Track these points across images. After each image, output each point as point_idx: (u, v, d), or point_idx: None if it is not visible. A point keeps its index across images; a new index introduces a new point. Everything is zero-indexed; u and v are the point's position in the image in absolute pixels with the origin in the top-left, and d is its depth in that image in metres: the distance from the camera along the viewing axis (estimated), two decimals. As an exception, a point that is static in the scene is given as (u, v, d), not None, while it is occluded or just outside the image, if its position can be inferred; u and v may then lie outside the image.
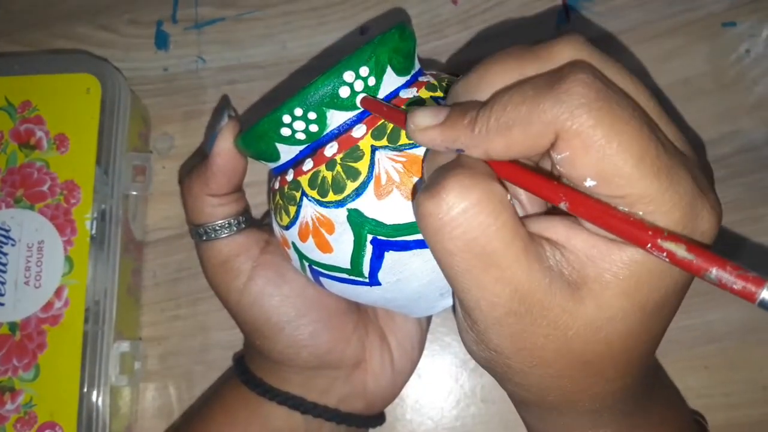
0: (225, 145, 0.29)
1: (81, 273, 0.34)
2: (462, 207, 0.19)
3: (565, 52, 0.20)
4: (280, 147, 0.26)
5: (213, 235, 0.30)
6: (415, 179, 0.24)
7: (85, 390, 0.33)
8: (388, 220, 0.24)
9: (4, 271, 0.34)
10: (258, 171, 0.40)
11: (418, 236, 0.24)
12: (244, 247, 0.30)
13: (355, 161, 0.24)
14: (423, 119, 0.21)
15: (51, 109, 0.37)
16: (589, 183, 0.18)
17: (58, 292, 0.34)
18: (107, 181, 0.36)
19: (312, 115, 0.24)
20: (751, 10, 0.40)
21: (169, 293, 0.39)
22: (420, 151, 0.24)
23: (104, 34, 0.42)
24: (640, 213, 0.18)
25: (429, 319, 0.37)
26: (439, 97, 0.25)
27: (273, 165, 0.27)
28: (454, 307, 0.28)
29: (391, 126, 0.24)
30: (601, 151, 0.18)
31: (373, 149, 0.24)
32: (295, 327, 0.29)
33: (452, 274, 0.20)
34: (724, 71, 0.40)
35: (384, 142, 0.24)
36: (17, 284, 0.34)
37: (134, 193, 0.38)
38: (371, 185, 0.24)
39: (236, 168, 0.29)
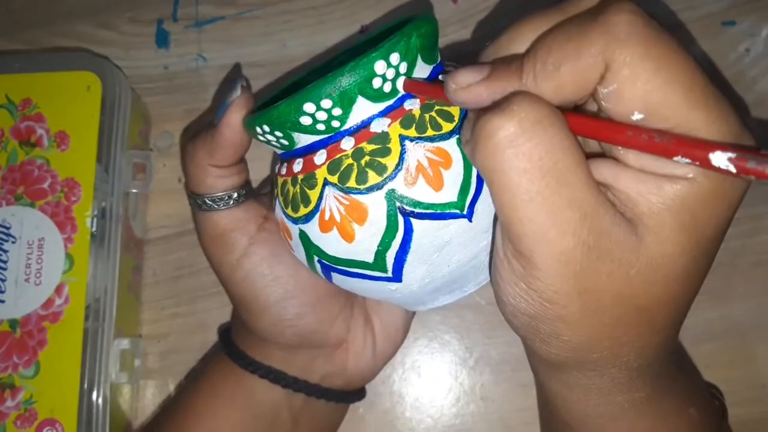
0: (235, 117, 0.27)
1: (81, 270, 0.34)
2: (534, 118, 0.18)
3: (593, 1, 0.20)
4: (296, 135, 0.25)
5: (212, 206, 0.29)
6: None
7: (86, 387, 0.33)
8: (421, 198, 0.24)
9: (5, 269, 0.35)
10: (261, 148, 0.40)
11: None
12: (242, 221, 0.30)
13: (384, 155, 0.24)
14: (465, 78, 0.20)
15: (51, 107, 0.37)
16: (636, 117, 0.18)
17: (58, 290, 0.34)
18: (108, 179, 0.36)
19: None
20: (750, 9, 0.40)
21: (170, 291, 0.40)
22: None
23: (105, 33, 0.42)
24: None
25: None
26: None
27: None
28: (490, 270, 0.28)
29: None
30: (651, 81, 0.18)
31: (402, 138, 0.24)
32: (282, 307, 0.29)
33: (519, 201, 0.19)
34: (723, 70, 0.40)
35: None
36: (18, 281, 0.34)
37: (134, 190, 0.38)
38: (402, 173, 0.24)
39: (243, 141, 0.28)
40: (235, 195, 0.30)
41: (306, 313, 0.30)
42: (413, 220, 0.24)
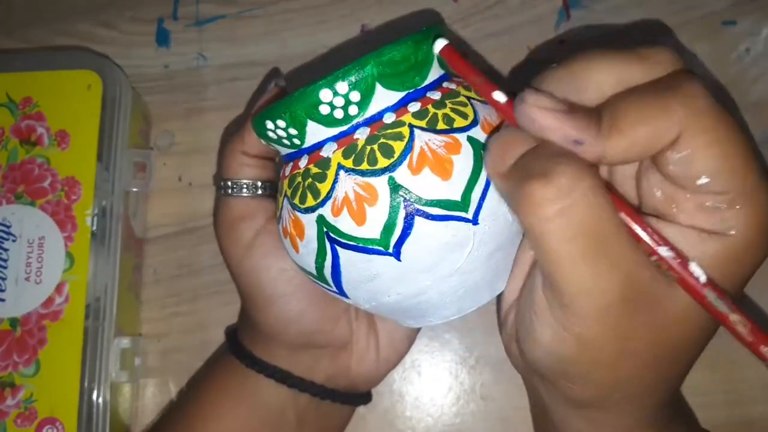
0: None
1: (82, 269, 0.34)
2: (581, 189, 0.20)
3: (666, 61, 0.22)
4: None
5: (231, 191, 0.31)
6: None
7: (86, 386, 0.33)
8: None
9: (5, 267, 0.35)
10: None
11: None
12: (254, 211, 0.30)
13: (321, 180, 0.24)
14: (546, 101, 0.21)
15: (52, 106, 0.37)
16: (702, 181, 0.20)
17: (58, 288, 0.34)
18: (108, 178, 0.36)
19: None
20: (751, 9, 0.40)
21: (170, 290, 0.40)
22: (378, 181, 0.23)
23: (105, 31, 0.42)
24: (737, 207, 0.20)
25: None
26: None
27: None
28: (499, 314, 0.29)
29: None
30: (722, 148, 0.20)
31: (339, 167, 0.24)
32: (286, 302, 0.30)
33: (563, 264, 0.20)
34: (723, 70, 0.40)
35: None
36: (18, 280, 0.34)
37: (135, 189, 0.38)
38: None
39: None
40: (253, 185, 0.31)
41: (310, 311, 0.30)
42: (338, 248, 0.24)
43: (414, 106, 0.24)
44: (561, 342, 0.22)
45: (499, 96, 0.22)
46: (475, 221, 0.24)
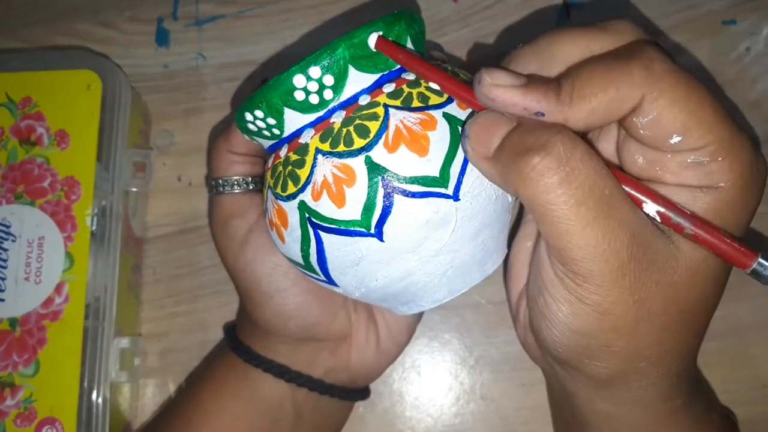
0: None
1: (81, 269, 0.34)
2: (578, 154, 0.20)
3: (627, 32, 0.22)
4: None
5: (222, 189, 0.31)
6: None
7: (85, 386, 0.33)
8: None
9: (5, 267, 0.35)
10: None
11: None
12: (245, 207, 0.31)
13: (300, 166, 0.24)
14: (504, 77, 0.21)
15: (52, 106, 0.37)
16: (675, 140, 0.21)
17: (58, 288, 0.34)
18: (108, 178, 0.36)
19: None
20: (751, 9, 0.40)
21: (169, 290, 0.40)
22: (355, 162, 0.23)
23: (105, 31, 0.42)
24: (719, 159, 0.21)
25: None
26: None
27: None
28: (510, 303, 0.29)
29: None
30: (686, 105, 0.20)
31: (317, 151, 0.24)
32: (283, 297, 0.30)
33: (573, 230, 0.20)
34: (724, 69, 0.40)
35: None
36: (17, 280, 0.34)
37: (134, 189, 0.38)
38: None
39: None
40: (244, 181, 0.31)
41: (308, 304, 0.30)
42: (321, 233, 0.24)
43: (389, 87, 0.24)
44: (579, 315, 0.22)
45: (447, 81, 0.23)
46: (456, 197, 0.24)
